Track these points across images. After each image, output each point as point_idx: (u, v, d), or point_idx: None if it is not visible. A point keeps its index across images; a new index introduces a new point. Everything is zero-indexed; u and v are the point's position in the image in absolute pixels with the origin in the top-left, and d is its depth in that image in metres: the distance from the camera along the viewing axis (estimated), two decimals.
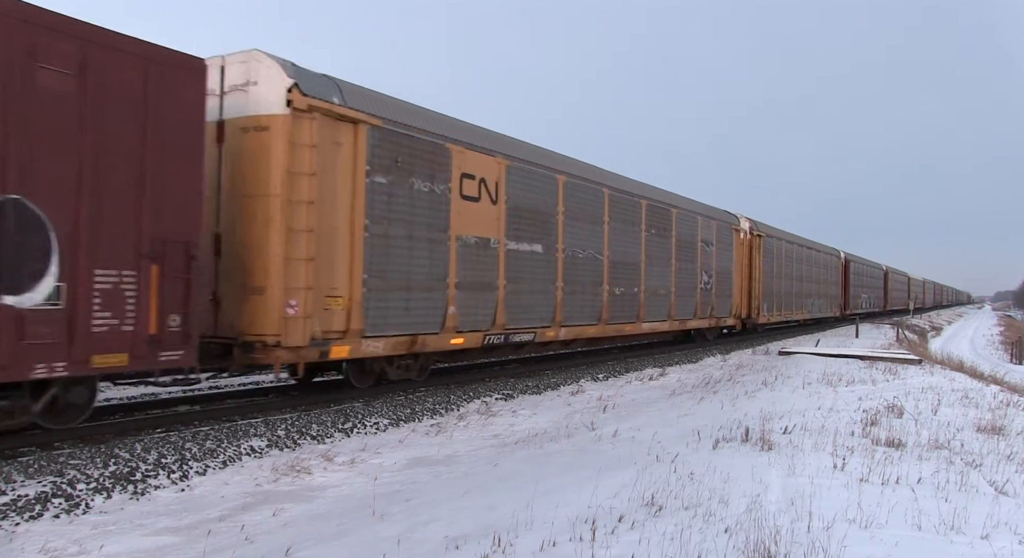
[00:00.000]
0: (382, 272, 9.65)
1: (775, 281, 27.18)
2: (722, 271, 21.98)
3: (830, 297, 37.32)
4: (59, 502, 5.48)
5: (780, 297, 27.90)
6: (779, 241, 28.07)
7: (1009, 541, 4.32)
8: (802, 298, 31.40)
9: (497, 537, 4.28)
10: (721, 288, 21.89)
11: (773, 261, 26.84)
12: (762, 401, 9.87)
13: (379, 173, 9.66)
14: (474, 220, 11.41)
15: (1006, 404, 9.92)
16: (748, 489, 5.21)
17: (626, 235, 16.20)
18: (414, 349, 10.37)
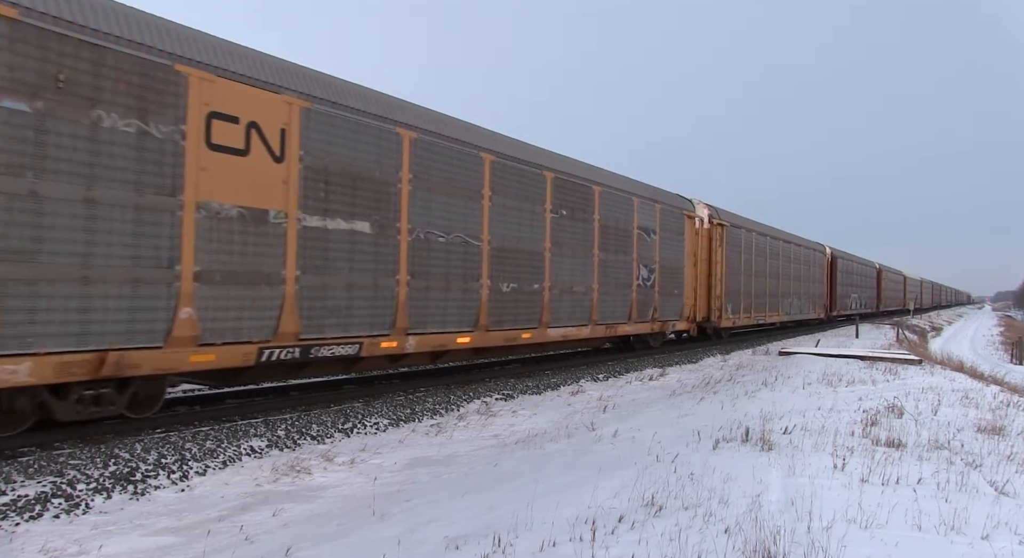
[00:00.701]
0: (25, 253, 6.32)
1: (744, 278, 23.77)
2: (670, 265, 18.39)
3: (813, 297, 33.77)
4: (59, 502, 5.48)
5: (750, 297, 24.47)
6: (749, 233, 24.53)
7: (1009, 541, 4.31)
8: (778, 298, 28.00)
9: (497, 537, 4.28)
10: (668, 285, 18.27)
11: (741, 255, 23.47)
12: (762, 401, 9.87)
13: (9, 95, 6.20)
14: (237, 182, 8.00)
15: (1006, 404, 9.92)
16: (748, 489, 5.21)
17: (520, 216, 12.59)
18: (107, 372, 6.90)
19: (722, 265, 21.66)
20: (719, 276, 21.48)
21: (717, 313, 21.33)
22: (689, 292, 19.70)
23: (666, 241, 18.24)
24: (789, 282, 29.74)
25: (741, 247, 23.65)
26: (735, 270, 22.98)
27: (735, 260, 22.98)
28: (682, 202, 19.79)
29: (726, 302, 21.97)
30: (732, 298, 22.56)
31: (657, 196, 18.01)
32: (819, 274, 35.19)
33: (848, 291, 40.96)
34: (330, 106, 9.12)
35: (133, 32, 7.19)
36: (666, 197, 18.70)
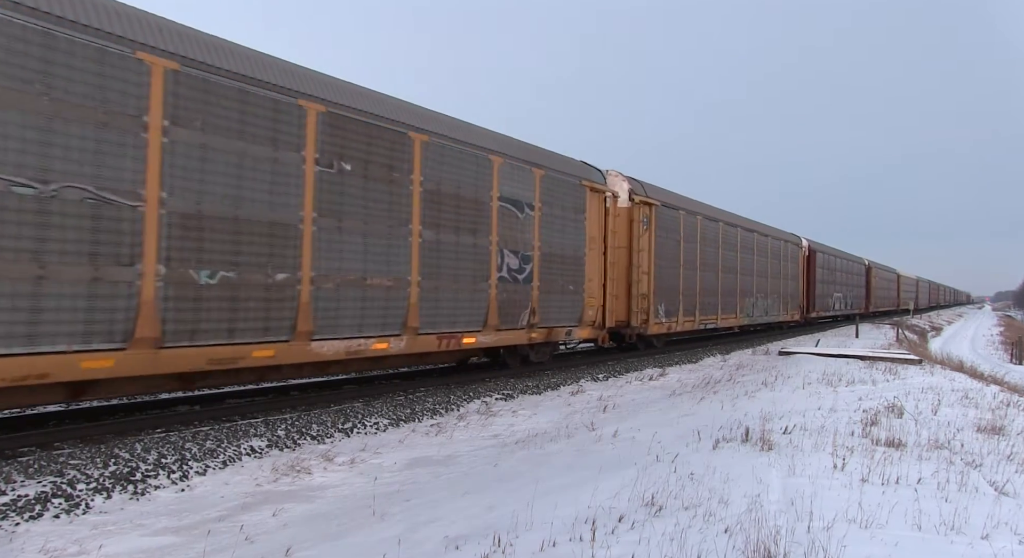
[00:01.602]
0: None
1: (685, 272, 19.48)
2: (559, 253, 13.79)
3: (786, 296, 29.19)
4: (59, 502, 5.48)
5: (694, 296, 20.11)
6: (692, 216, 20.00)
7: (1009, 541, 4.31)
8: (736, 297, 23.35)
9: (497, 537, 4.28)
10: (556, 280, 13.70)
11: (680, 244, 19.21)
12: (762, 401, 9.87)
13: None
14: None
15: (1006, 404, 9.91)
16: (748, 489, 5.21)
17: (243, 171, 8.04)
18: None
19: (650, 255, 17.06)
20: (645, 269, 16.90)
21: (642, 316, 16.84)
22: (595, 289, 14.83)
23: (553, 220, 13.50)
24: (752, 278, 24.91)
25: (681, 234, 19.21)
26: (670, 262, 18.51)
27: (670, 249, 18.54)
28: (584, 171, 14.77)
29: (656, 302, 17.50)
30: (666, 297, 18.23)
31: (538, 159, 13.23)
32: (794, 270, 30.61)
33: (830, 289, 36.61)
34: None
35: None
36: (556, 162, 13.87)
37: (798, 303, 31.33)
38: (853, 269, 43.43)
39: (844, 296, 40.02)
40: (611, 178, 16.29)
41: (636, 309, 16.73)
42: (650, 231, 17.26)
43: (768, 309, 26.94)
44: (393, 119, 10.06)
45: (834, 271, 37.73)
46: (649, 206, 17.33)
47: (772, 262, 27.50)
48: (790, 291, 30.09)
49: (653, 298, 17.41)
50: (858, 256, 46.63)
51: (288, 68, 8.84)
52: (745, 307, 24.41)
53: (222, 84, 7.85)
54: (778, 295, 28.30)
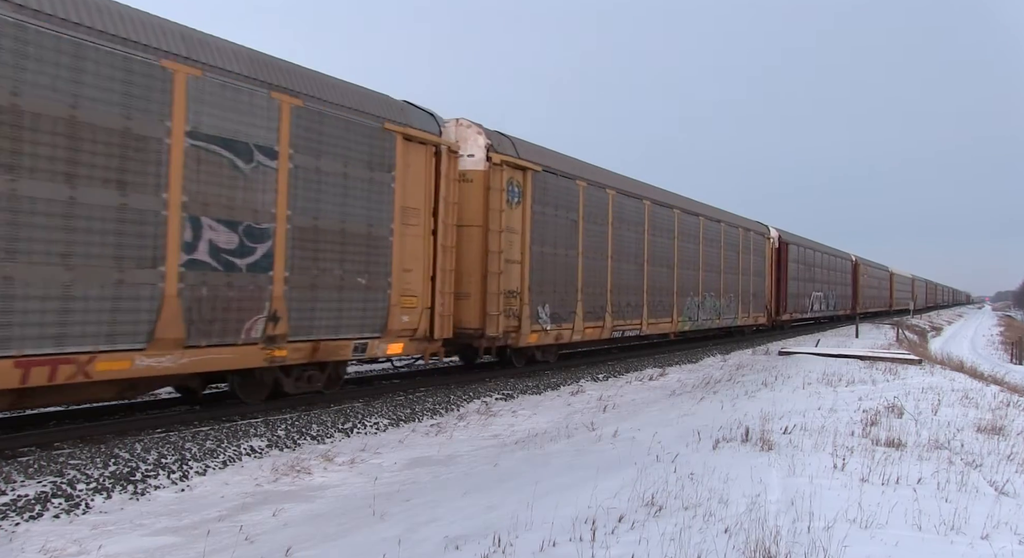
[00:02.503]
0: None
1: (587, 263, 14.81)
2: (342, 228, 9.45)
3: (748, 295, 24.40)
4: (59, 502, 5.48)
5: (605, 294, 15.46)
6: (598, 189, 15.21)
7: (1009, 541, 4.31)
8: (672, 296, 18.72)
9: (497, 537, 4.28)
10: (332, 268, 9.35)
11: (579, 225, 14.48)
12: (762, 401, 9.86)
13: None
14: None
15: (1006, 404, 9.92)
16: (748, 489, 5.21)
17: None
18: None
19: (524, 238, 12.76)
20: (515, 257, 12.53)
21: (510, 321, 12.40)
22: (414, 283, 10.47)
23: (324, 179, 9.13)
24: (697, 273, 20.27)
25: (580, 212, 14.55)
26: (562, 249, 13.97)
27: (561, 232, 13.95)
28: (394, 110, 10.28)
29: (535, 303, 13.00)
30: (554, 296, 13.68)
31: (286, 81, 8.80)
32: (759, 264, 25.82)
33: (807, 288, 31.83)
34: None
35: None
36: (330, 91, 9.39)
37: (764, 304, 26.36)
38: (837, 265, 38.68)
39: (825, 296, 35.43)
40: (458, 129, 12.00)
41: (496, 312, 11.91)
42: (524, 206, 12.67)
43: (722, 311, 22.19)
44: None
45: (812, 267, 32.99)
46: (522, 171, 12.69)
47: (727, 254, 22.65)
48: (754, 289, 25.19)
49: (529, 297, 12.74)
50: (843, 251, 42.00)
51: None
52: (686, 309, 19.57)
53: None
54: (735, 294, 23.40)
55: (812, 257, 33.01)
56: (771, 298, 27.35)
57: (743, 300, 24.26)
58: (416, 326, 10.56)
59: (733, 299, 23.35)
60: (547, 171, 13.64)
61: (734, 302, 23.44)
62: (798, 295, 30.46)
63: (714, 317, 21.81)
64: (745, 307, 24.46)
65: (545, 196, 13.57)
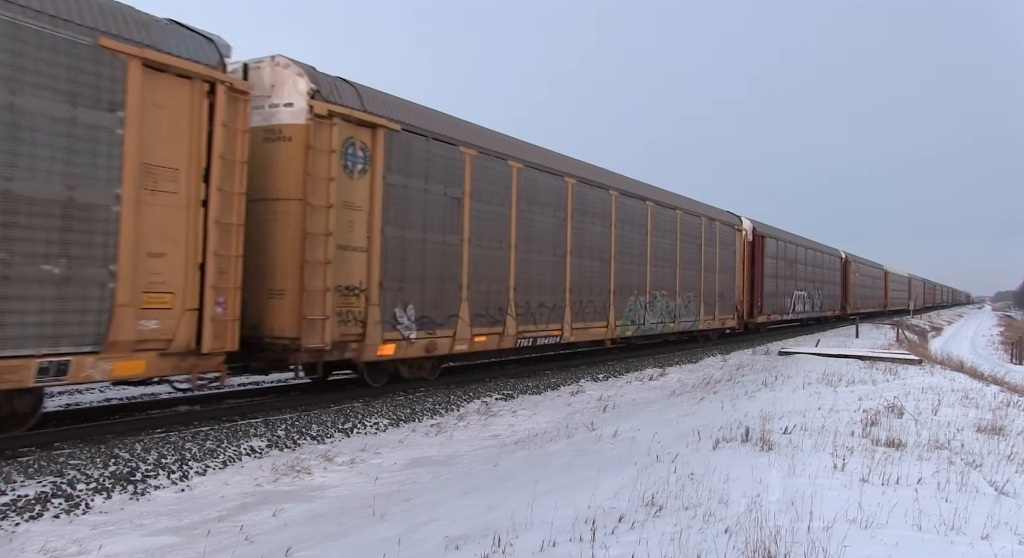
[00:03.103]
0: None
1: (477, 254, 11.93)
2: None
3: (712, 295, 21.57)
4: (59, 502, 5.49)
5: (505, 292, 12.57)
6: (495, 161, 12.39)
7: (1009, 541, 4.31)
8: (608, 296, 15.77)
9: (497, 537, 4.28)
10: None
11: (463, 204, 11.58)
12: (762, 401, 9.87)
13: None
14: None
15: (1006, 404, 9.92)
16: (748, 489, 5.21)
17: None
18: None
19: (372, 218, 9.87)
20: (359, 243, 9.72)
21: (350, 329, 9.56)
22: (168, 271, 7.63)
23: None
24: (643, 268, 17.44)
25: (464, 187, 11.63)
26: (433, 233, 10.97)
27: (433, 212, 10.99)
28: (111, 19, 7.18)
29: (388, 302, 10.08)
30: (422, 294, 10.72)
31: None
32: (728, 259, 22.98)
33: (787, 287, 29.02)
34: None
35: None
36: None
37: (734, 304, 23.41)
38: (824, 262, 35.76)
39: (809, 295, 32.45)
40: (274, 69, 9.16)
41: (321, 315, 8.91)
42: (373, 176, 9.85)
43: (678, 313, 19.29)
44: None
45: (794, 263, 30.00)
46: (370, 130, 9.85)
47: (685, 247, 19.83)
48: (721, 288, 22.28)
49: (380, 295, 9.91)
50: (831, 247, 39.21)
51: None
52: (629, 311, 16.68)
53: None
54: (696, 293, 20.54)
55: (794, 253, 30.16)
56: (743, 298, 24.11)
57: (706, 300, 21.19)
58: (172, 335, 7.57)
59: (693, 299, 20.33)
60: (412, 132, 10.57)
61: (694, 302, 20.42)
62: (777, 294, 27.52)
63: (667, 320, 18.73)
64: (709, 308, 21.41)
65: (408, 164, 10.49)
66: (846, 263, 40.53)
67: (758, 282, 25.43)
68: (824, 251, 36.28)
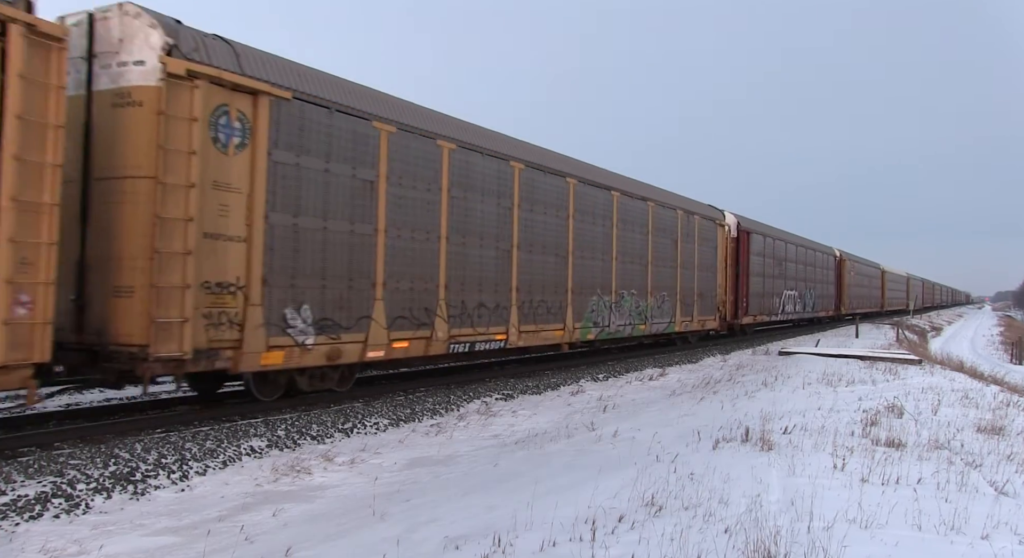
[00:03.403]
0: None
1: (396, 245, 10.37)
2: None
3: (690, 294, 19.92)
4: (59, 502, 5.48)
5: (435, 291, 11.09)
6: (422, 140, 10.88)
7: (1009, 541, 4.32)
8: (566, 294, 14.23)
9: (497, 537, 4.28)
10: None
11: (376, 187, 10.05)
12: (762, 401, 9.87)
13: None
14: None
15: (1006, 404, 9.92)
16: (748, 489, 5.21)
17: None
18: None
19: (252, 201, 8.47)
20: (239, 228, 8.34)
21: (223, 335, 8.14)
22: None
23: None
24: (609, 263, 15.84)
25: (379, 169, 10.07)
26: (337, 220, 9.46)
27: (337, 197, 9.51)
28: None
29: (275, 301, 8.69)
30: (322, 291, 9.28)
31: None
32: (709, 257, 21.40)
33: (776, 286, 27.44)
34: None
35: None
36: None
37: (716, 304, 21.78)
38: (817, 260, 34.30)
39: (800, 295, 31.03)
40: (122, 20, 7.78)
41: (178, 317, 7.57)
42: (253, 151, 8.44)
43: (650, 314, 17.58)
44: None
45: (784, 261, 28.39)
46: (251, 97, 8.41)
47: (659, 242, 18.17)
48: (700, 287, 20.74)
49: (264, 294, 8.49)
50: (825, 245, 37.85)
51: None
52: (590, 312, 14.93)
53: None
54: (672, 292, 18.89)
55: (783, 250, 28.43)
56: (726, 298, 22.52)
57: (683, 300, 19.56)
58: None
59: (667, 299, 18.70)
60: (308, 101, 9.04)
61: (669, 302, 18.76)
62: (764, 294, 25.88)
63: (636, 321, 16.91)
64: (686, 309, 19.77)
65: (304, 140, 8.98)
66: (840, 262, 39.03)
67: (743, 281, 23.81)
68: (817, 249, 34.80)
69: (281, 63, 9.05)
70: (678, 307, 19.37)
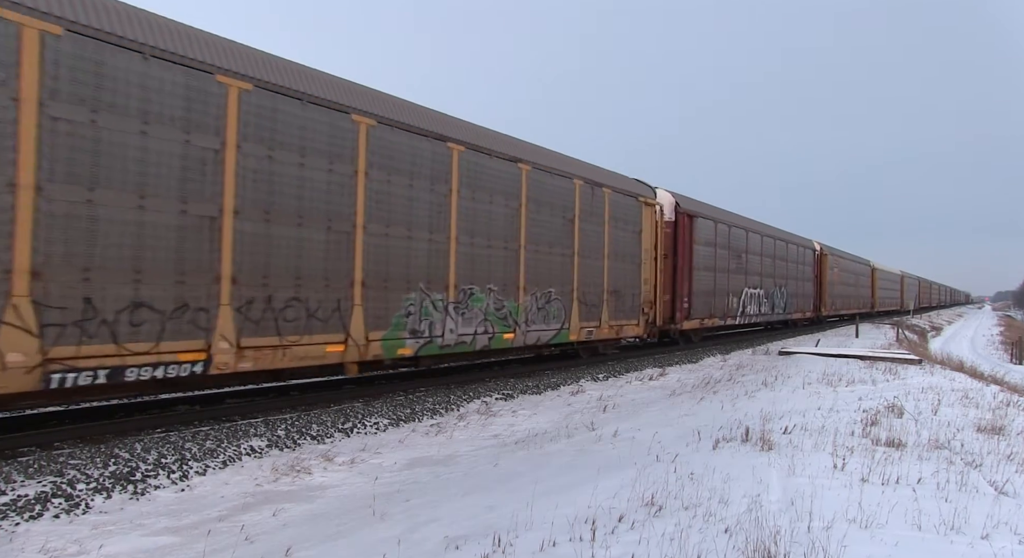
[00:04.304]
0: None
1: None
2: None
3: (595, 290, 15.00)
4: (59, 502, 5.49)
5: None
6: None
7: (1009, 541, 4.32)
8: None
9: (497, 537, 4.28)
10: None
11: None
12: (762, 401, 9.87)
13: None
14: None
15: (1006, 404, 9.92)
16: (748, 489, 5.21)
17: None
18: None
19: None
20: None
21: None
22: None
23: None
24: (444, 246, 11.07)
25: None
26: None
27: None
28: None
29: None
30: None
31: None
32: (631, 244, 16.42)
33: (732, 283, 22.74)
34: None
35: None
36: None
37: (639, 305, 16.69)
38: (791, 254, 29.74)
39: (768, 294, 26.23)
40: None
41: None
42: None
43: (523, 317, 12.80)
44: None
45: (743, 254, 23.80)
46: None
47: (542, 220, 13.30)
48: (616, 283, 15.75)
49: None
50: (802, 237, 32.91)
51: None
52: (401, 315, 10.29)
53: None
54: (566, 289, 14.04)
55: (743, 240, 23.82)
56: (656, 297, 17.69)
57: (582, 298, 14.47)
58: None
59: (557, 298, 13.76)
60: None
61: (560, 302, 13.82)
62: (715, 293, 21.39)
63: (498, 329, 12.15)
64: (588, 310, 14.66)
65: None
66: (821, 256, 34.65)
67: (683, 276, 19.10)
68: (791, 241, 30.14)
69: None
70: (575, 309, 14.25)
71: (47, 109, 6.56)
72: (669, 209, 18.95)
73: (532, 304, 13.17)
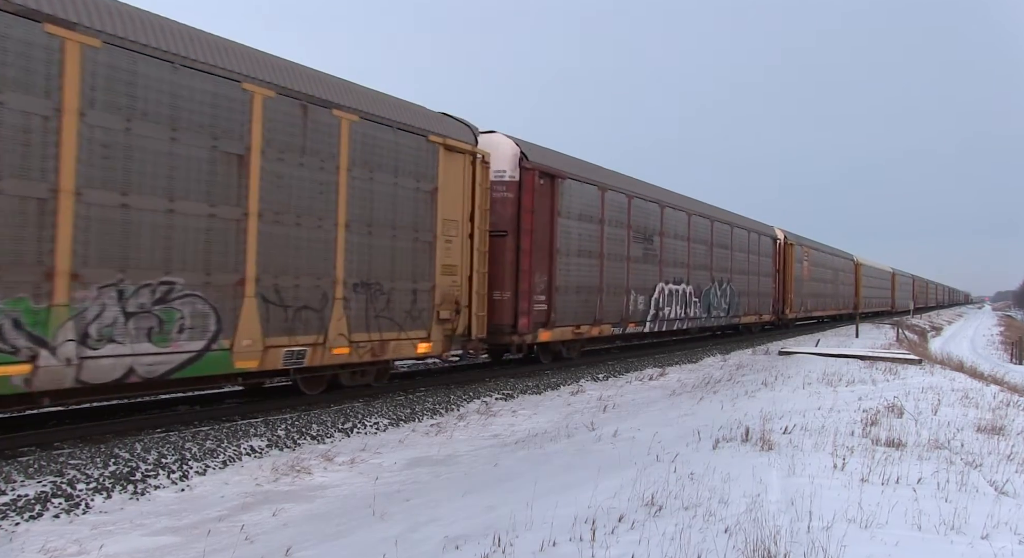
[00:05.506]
0: None
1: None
2: None
3: (380, 285, 9.87)
4: (59, 502, 5.49)
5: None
6: None
7: (1009, 541, 4.31)
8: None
9: (497, 537, 4.28)
10: None
11: None
12: (762, 401, 9.87)
13: None
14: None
15: (1006, 404, 9.91)
16: (748, 489, 5.21)
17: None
18: None
19: None
20: None
21: None
22: None
23: None
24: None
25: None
26: None
27: None
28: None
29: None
30: None
31: None
32: (420, 213, 10.60)
33: (639, 276, 17.05)
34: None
35: None
36: None
37: (429, 305, 10.77)
38: (737, 242, 23.68)
39: (699, 291, 20.60)
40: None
41: None
42: None
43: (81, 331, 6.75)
44: None
45: (655, 236, 17.90)
46: None
47: (149, 138, 7.32)
48: (378, 272, 9.94)
49: None
50: (759, 222, 26.96)
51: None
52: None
53: None
54: (216, 274, 7.88)
55: (655, 218, 17.95)
56: (472, 292, 11.76)
57: (270, 294, 8.51)
58: None
59: (185, 291, 7.61)
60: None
61: (198, 299, 7.72)
62: (600, 289, 15.42)
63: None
64: (288, 316, 8.72)
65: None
66: (785, 246, 28.33)
67: (534, 263, 13.17)
68: (740, 225, 23.97)
69: None
70: (249, 312, 8.25)
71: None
72: (507, 162, 12.97)
73: (104, 304, 6.95)
